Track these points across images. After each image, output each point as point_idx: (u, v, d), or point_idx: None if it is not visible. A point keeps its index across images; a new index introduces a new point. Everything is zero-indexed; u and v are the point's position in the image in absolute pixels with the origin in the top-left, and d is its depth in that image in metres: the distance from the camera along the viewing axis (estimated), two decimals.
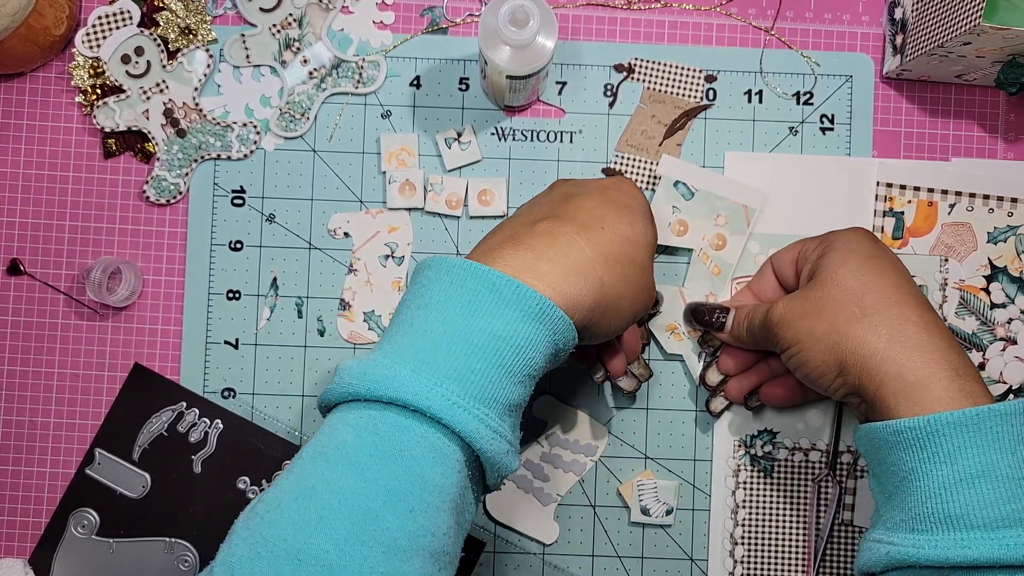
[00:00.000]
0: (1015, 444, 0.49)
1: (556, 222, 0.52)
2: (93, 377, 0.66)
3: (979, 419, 0.49)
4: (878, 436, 0.51)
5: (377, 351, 0.48)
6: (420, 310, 0.48)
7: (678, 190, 0.65)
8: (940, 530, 0.48)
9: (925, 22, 0.62)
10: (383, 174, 0.66)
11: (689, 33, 0.67)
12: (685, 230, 0.65)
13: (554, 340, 0.49)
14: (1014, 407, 0.49)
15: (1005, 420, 0.49)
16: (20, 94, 0.66)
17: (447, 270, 0.48)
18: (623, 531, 0.66)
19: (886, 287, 0.54)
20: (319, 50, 0.66)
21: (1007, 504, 0.48)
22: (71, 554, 0.65)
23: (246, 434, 0.65)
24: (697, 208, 0.65)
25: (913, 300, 0.54)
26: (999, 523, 0.48)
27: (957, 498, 0.48)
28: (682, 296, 0.65)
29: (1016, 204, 0.66)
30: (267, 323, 0.66)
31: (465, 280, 0.48)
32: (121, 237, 0.66)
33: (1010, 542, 0.47)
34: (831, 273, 0.56)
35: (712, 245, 0.65)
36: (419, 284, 0.49)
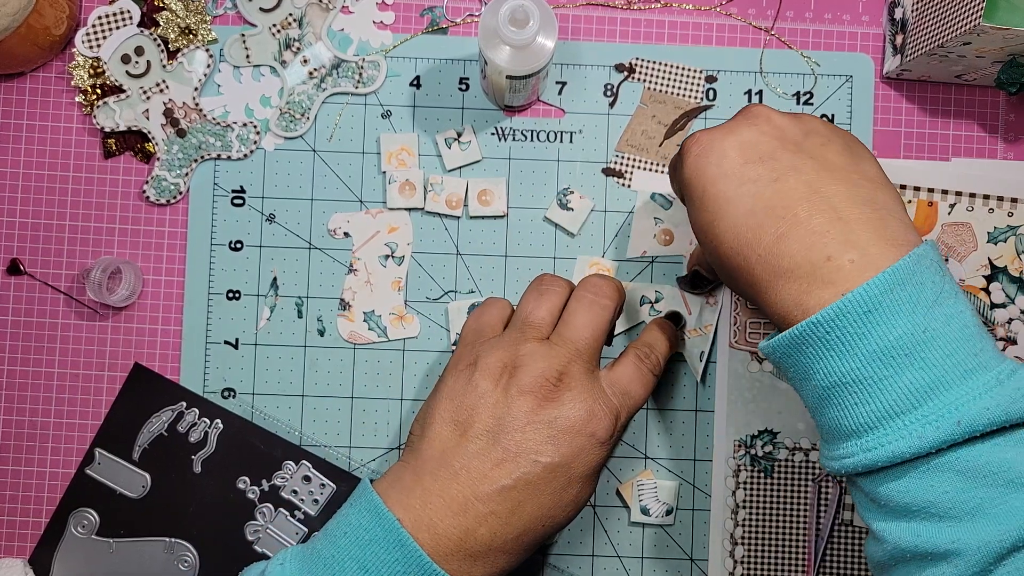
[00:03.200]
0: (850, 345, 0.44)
1: (500, 524, 0.51)
2: (93, 377, 0.66)
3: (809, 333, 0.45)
4: None
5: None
6: (360, 573, 0.49)
7: (656, 201, 0.66)
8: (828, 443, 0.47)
9: (925, 22, 0.62)
10: (383, 174, 0.66)
11: (689, 33, 0.67)
12: (671, 239, 0.66)
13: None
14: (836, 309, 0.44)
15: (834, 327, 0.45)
16: (20, 94, 0.66)
17: (398, 546, 0.49)
18: (623, 531, 0.66)
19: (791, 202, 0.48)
20: (319, 50, 0.66)
21: (862, 408, 0.45)
22: (71, 554, 0.65)
23: (246, 434, 0.65)
24: (677, 214, 0.66)
25: None
26: (860, 430, 0.45)
27: (824, 415, 0.46)
28: (682, 297, 0.65)
29: (1016, 204, 0.66)
30: (267, 323, 0.66)
31: (410, 567, 0.49)
32: (121, 237, 0.66)
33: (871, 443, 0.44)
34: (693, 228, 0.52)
35: None
36: (366, 536, 0.50)
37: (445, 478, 0.51)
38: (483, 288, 0.66)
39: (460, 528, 0.50)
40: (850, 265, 0.45)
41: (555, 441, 0.52)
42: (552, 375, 0.52)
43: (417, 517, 0.50)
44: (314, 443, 0.66)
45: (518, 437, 0.51)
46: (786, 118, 0.50)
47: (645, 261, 0.66)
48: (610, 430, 0.53)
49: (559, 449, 0.51)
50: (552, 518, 0.52)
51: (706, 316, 0.65)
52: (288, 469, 0.65)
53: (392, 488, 0.52)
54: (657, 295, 0.66)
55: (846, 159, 0.49)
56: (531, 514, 0.51)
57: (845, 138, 0.51)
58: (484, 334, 0.56)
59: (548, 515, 0.52)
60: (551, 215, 0.66)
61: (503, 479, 0.51)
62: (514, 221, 0.66)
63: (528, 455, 0.51)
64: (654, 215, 0.66)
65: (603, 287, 0.57)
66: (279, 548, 0.65)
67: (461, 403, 0.53)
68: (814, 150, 0.49)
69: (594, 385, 0.54)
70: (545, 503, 0.52)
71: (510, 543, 0.51)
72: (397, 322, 0.66)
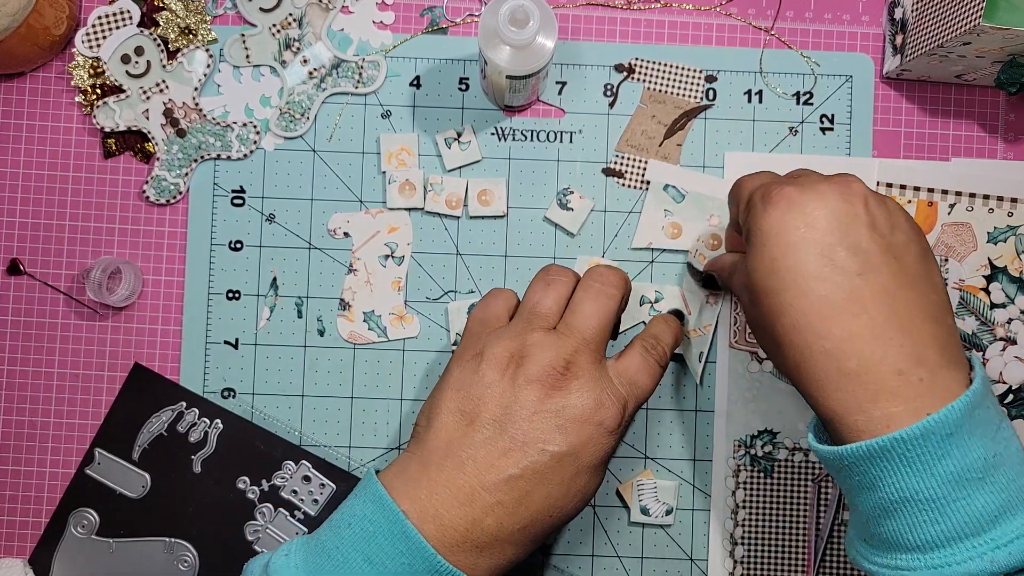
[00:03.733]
0: (930, 465, 0.45)
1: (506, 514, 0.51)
2: (93, 377, 0.66)
3: (889, 449, 0.46)
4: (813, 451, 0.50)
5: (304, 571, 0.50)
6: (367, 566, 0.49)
7: (668, 193, 0.66)
8: (878, 548, 0.48)
9: (925, 22, 0.62)
10: (383, 174, 0.66)
11: (689, 33, 0.67)
12: (679, 232, 0.66)
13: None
14: (921, 429, 0.45)
15: (916, 445, 0.45)
16: (20, 94, 0.66)
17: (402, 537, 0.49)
18: (623, 531, 0.66)
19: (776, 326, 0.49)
20: (319, 50, 0.66)
21: (932, 527, 0.46)
22: (71, 554, 0.65)
23: (246, 434, 0.65)
24: (689, 210, 0.66)
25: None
26: (925, 546, 0.46)
27: (884, 524, 0.47)
28: (683, 296, 0.65)
29: (1016, 204, 0.66)
30: (267, 323, 0.66)
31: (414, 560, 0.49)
32: (121, 237, 0.66)
33: (939, 561, 0.45)
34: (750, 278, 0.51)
35: (707, 245, 0.65)
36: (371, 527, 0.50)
37: (451, 468, 0.51)
38: (483, 288, 0.66)
39: (466, 519, 0.50)
40: (919, 383, 0.46)
41: (563, 430, 0.51)
42: (559, 364, 0.52)
43: (423, 508, 0.50)
44: (314, 443, 0.66)
45: (525, 426, 0.51)
46: (878, 205, 0.50)
47: (645, 261, 0.66)
48: (618, 419, 0.53)
49: (567, 438, 0.51)
50: (560, 508, 0.52)
51: (705, 316, 0.65)
52: (288, 469, 0.65)
53: (397, 479, 0.51)
54: (657, 295, 0.66)
55: (922, 267, 0.49)
56: (539, 504, 0.51)
57: (923, 242, 0.51)
58: (490, 324, 0.56)
59: (556, 505, 0.52)
60: (551, 215, 0.66)
61: (510, 468, 0.50)
62: (514, 221, 0.66)
63: (536, 444, 0.51)
64: (665, 207, 0.66)
65: (609, 276, 0.56)
66: None
67: (467, 393, 0.52)
68: (899, 250, 0.49)
69: (602, 374, 0.54)
70: (553, 493, 0.51)
71: (517, 534, 0.51)
72: (397, 322, 0.66)
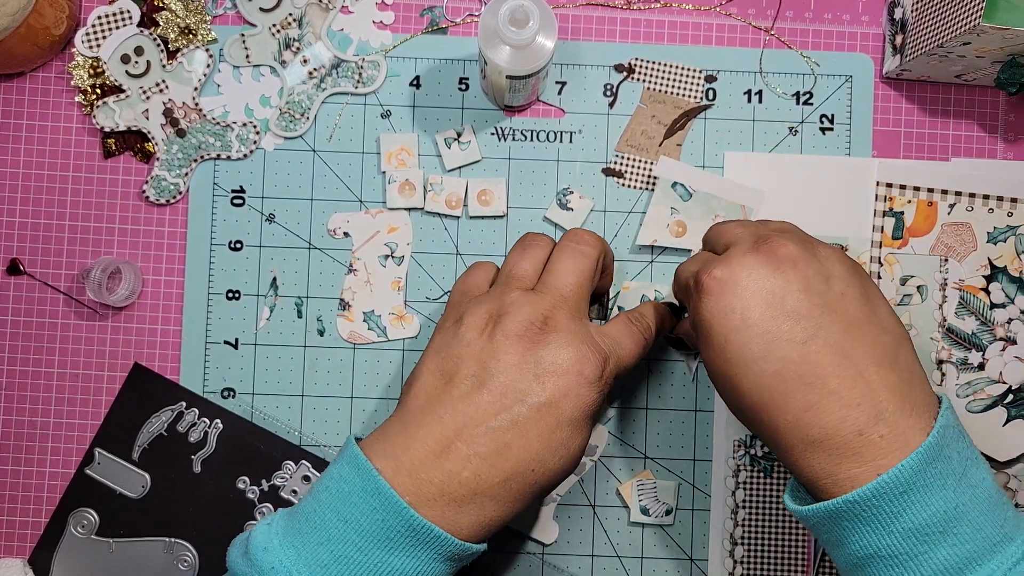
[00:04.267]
0: (888, 523, 0.46)
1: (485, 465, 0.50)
2: (93, 377, 0.66)
3: (846, 510, 0.46)
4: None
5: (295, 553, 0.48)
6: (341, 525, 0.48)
7: (676, 191, 0.65)
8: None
9: (925, 22, 0.62)
10: (383, 174, 0.66)
11: (689, 33, 0.67)
12: (684, 231, 0.65)
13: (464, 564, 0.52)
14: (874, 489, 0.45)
15: (871, 505, 0.46)
16: (20, 94, 0.66)
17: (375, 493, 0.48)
18: (623, 531, 0.66)
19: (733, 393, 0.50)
20: (319, 50, 0.66)
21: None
22: (71, 554, 0.65)
23: (246, 434, 0.65)
24: (695, 209, 0.65)
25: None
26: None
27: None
28: None
29: (1016, 204, 0.66)
30: (267, 323, 0.66)
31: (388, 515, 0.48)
32: (121, 237, 0.66)
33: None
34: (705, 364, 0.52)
35: None
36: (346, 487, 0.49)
37: (429, 423, 0.50)
38: None
39: (443, 471, 0.49)
40: (880, 440, 0.46)
41: (541, 380, 0.51)
42: (538, 319, 0.52)
43: (398, 463, 0.49)
44: (314, 443, 0.66)
45: (504, 379, 0.51)
46: (808, 262, 0.50)
47: (645, 260, 0.66)
48: (598, 370, 0.52)
49: (546, 388, 0.51)
50: (541, 463, 0.51)
51: None
52: (288, 469, 0.65)
53: (377, 441, 0.51)
54: (657, 294, 0.66)
55: (865, 309, 0.49)
56: (518, 456, 0.50)
57: (861, 279, 0.51)
58: (470, 294, 0.57)
59: (536, 458, 0.51)
60: (551, 215, 0.66)
61: (488, 420, 0.50)
62: (514, 221, 0.66)
63: (515, 395, 0.50)
64: (672, 205, 0.65)
65: (584, 236, 0.57)
66: None
67: (447, 354, 0.52)
68: (837, 303, 0.49)
69: (581, 329, 0.53)
70: (533, 445, 0.50)
71: (497, 488, 0.50)
72: (397, 322, 0.66)
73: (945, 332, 0.65)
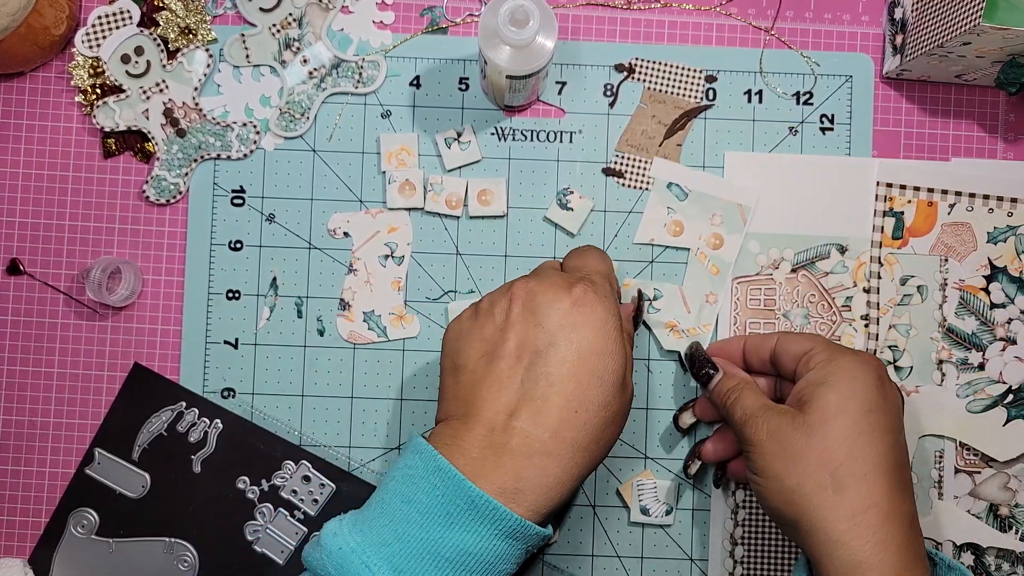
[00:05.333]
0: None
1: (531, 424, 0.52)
2: (93, 377, 0.66)
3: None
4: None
5: (360, 535, 0.51)
6: (404, 505, 0.51)
7: (672, 191, 0.66)
8: None
9: (925, 22, 0.62)
10: (383, 174, 0.66)
11: (689, 33, 0.67)
12: (681, 230, 0.66)
13: (526, 548, 0.52)
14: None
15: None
16: (20, 94, 0.66)
17: (435, 471, 0.51)
18: (623, 531, 0.66)
19: (869, 459, 0.52)
20: (319, 50, 0.66)
21: None
22: (70, 554, 0.65)
23: (246, 434, 0.65)
24: (691, 208, 0.66)
25: (889, 477, 0.52)
26: None
27: None
28: (682, 295, 0.65)
29: (1016, 204, 0.66)
30: (267, 323, 0.66)
31: (447, 490, 0.50)
32: (121, 237, 0.66)
33: None
34: (821, 422, 0.53)
35: (709, 244, 0.66)
36: (409, 472, 0.52)
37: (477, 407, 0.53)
38: (483, 288, 0.66)
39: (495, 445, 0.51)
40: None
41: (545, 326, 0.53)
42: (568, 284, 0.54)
43: (458, 447, 0.52)
44: (314, 443, 0.66)
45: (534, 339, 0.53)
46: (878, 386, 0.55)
47: (645, 260, 0.66)
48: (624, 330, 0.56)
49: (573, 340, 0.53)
50: (581, 400, 0.52)
51: (705, 314, 0.65)
52: (288, 469, 0.65)
53: (438, 434, 0.53)
54: (656, 292, 0.66)
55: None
56: (557, 404, 0.52)
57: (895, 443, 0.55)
58: None
59: (575, 397, 0.52)
60: (551, 215, 0.66)
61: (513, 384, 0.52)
62: (514, 221, 0.66)
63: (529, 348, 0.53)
64: (668, 204, 0.66)
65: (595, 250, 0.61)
66: (279, 548, 0.65)
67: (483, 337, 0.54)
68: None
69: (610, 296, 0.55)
70: (567, 388, 0.52)
71: (549, 443, 0.51)
72: (397, 322, 0.66)
73: (945, 332, 0.65)
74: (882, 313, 0.65)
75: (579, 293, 0.53)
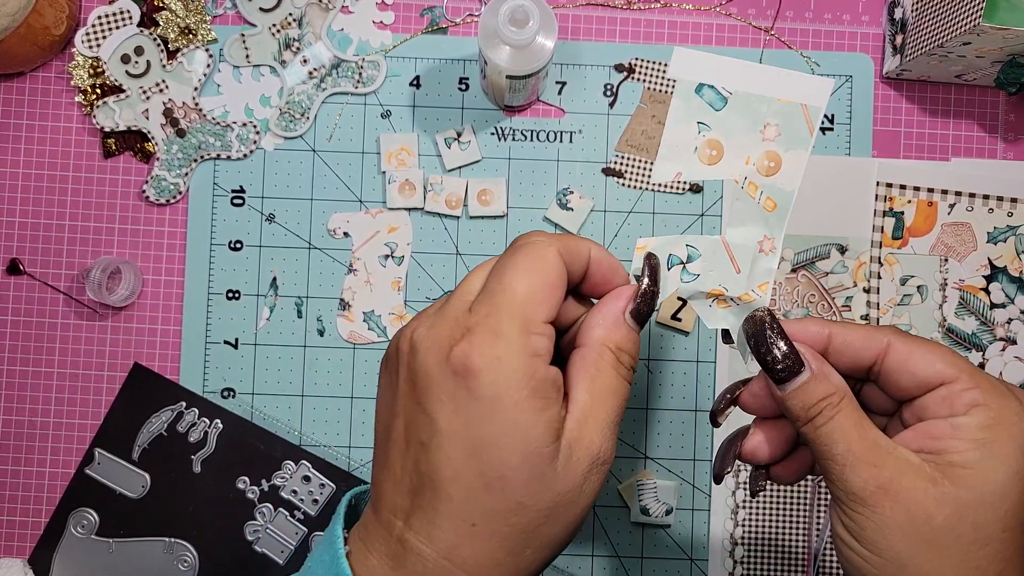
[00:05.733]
0: None
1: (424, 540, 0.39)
2: (92, 377, 0.66)
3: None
4: None
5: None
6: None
7: (703, 97, 0.45)
8: None
9: (925, 22, 0.62)
10: (383, 174, 0.66)
11: (689, 33, 0.67)
12: (719, 155, 0.45)
13: None
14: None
15: None
16: (20, 94, 0.66)
17: None
18: (623, 531, 0.66)
19: None
20: (319, 50, 0.66)
21: None
22: (70, 554, 0.65)
23: (246, 434, 0.65)
24: (734, 120, 0.44)
25: None
26: None
27: None
28: (727, 248, 0.46)
29: (1016, 204, 0.66)
30: (267, 323, 0.66)
31: None
32: (121, 237, 0.66)
33: None
34: (978, 502, 0.37)
35: (762, 169, 0.45)
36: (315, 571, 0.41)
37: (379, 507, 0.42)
38: None
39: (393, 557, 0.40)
40: None
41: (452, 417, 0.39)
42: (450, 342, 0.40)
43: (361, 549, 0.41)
44: (314, 443, 0.66)
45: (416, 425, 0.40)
46: None
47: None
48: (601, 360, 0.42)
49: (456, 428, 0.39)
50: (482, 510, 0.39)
51: (760, 270, 0.45)
52: (288, 469, 0.65)
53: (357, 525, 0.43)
54: (691, 251, 0.46)
55: None
56: (448, 515, 0.39)
57: None
58: None
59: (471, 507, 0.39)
60: (551, 215, 0.66)
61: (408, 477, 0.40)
62: (514, 221, 0.66)
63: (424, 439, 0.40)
64: (698, 118, 0.45)
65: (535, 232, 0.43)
66: (279, 548, 0.65)
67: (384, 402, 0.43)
68: None
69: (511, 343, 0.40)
70: (457, 496, 0.39)
71: (447, 567, 0.39)
72: (397, 322, 0.66)
73: (945, 332, 0.65)
74: (882, 313, 0.65)
75: (459, 357, 0.38)
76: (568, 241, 0.42)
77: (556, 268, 0.40)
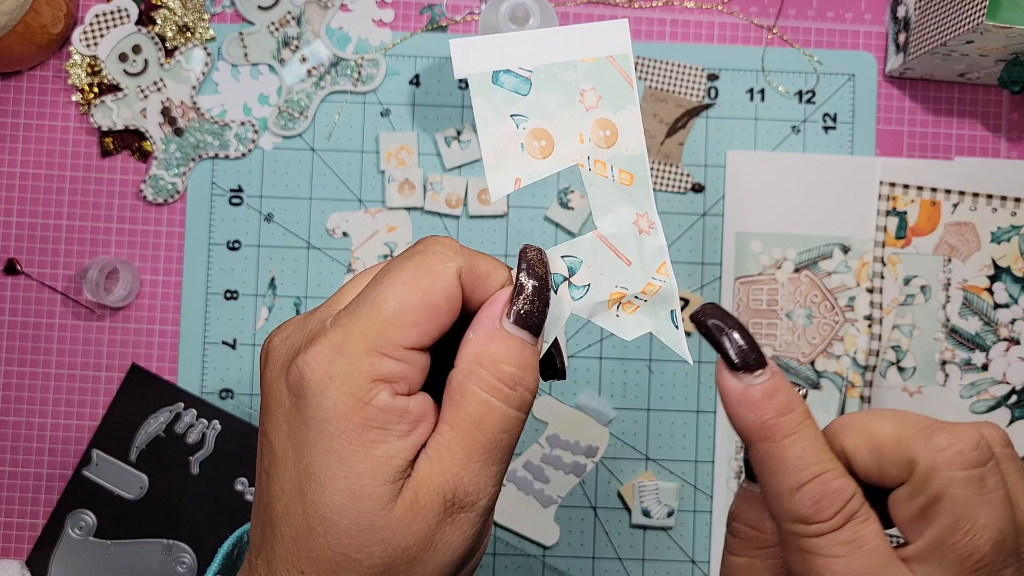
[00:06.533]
0: None
1: None
2: (90, 377, 0.66)
3: None
4: None
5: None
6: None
7: (503, 86, 0.38)
8: None
9: (928, 20, 0.62)
10: (382, 173, 0.66)
11: (691, 31, 0.67)
12: (549, 144, 0.39)
13: None
14: None
15: None
16: (17, 93, 0.66)
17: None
18: (624, 533, 0.65)
19: None
20: (317, 48, 0.66)
21: None
22: (68, 555, 0.65)
23: (244, 435, 0.65)
24: (547, 99, 0.38)
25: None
26: None
27: None
28: (606, 243, 0.39)
29: (1019, 204, 0.65)
30: (265, 323, 0.66)
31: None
32: (118, 236, 0.66)
33: None
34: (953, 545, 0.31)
35: (600, 142, 0.38)
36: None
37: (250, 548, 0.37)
38: None
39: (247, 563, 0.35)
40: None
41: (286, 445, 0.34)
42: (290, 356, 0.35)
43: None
44: None
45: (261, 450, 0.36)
46: None
47: None
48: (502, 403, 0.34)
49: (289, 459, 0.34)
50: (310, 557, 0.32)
51: (650, 256, 0.39)
52: None
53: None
54: (571, 263, 0.39)
55: None
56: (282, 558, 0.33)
57: None
58: None
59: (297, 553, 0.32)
60: (551, 214, 0.66)
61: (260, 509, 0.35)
62: (514, 220, 0.66)
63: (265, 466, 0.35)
64: (510, 111, 0.38)
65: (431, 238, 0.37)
66: None
67: None
68: None
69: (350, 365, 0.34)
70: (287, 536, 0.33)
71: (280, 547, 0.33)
72: None
73: (948, 332, 0.65)
74: (885, 313, 0.65)
75: (294, 372, 0.32)
76: (478, 261, 0.35)
77: (445, 289, 0.34)
